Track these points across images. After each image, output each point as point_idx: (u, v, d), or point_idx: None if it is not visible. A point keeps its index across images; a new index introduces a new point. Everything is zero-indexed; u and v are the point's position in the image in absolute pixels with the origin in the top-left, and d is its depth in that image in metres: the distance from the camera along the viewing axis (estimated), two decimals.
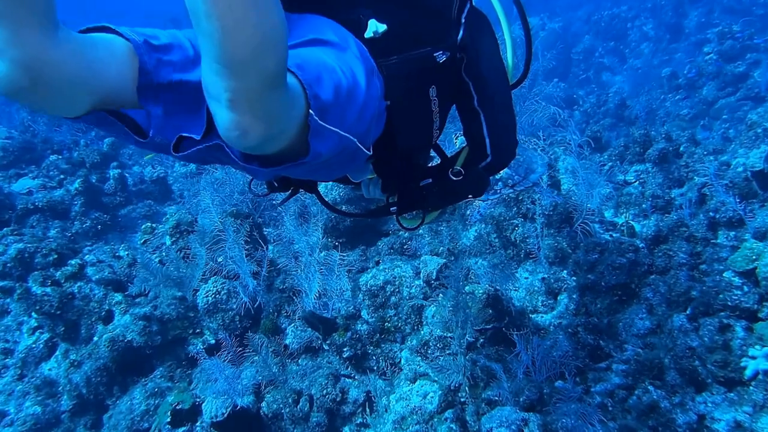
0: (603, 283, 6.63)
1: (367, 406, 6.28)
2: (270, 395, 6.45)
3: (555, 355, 5.97)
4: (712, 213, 6.90)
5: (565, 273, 7.15)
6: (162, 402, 6.74)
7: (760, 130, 8.15)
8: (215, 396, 6.32)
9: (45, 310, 7.56)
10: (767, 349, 5.57)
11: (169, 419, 6.35)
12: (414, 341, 6.44)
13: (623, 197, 8.23)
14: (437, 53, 2.26)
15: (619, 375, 5.93)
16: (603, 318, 6.52)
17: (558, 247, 7.28)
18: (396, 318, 6.61)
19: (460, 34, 2.33)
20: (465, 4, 2.34)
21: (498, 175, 7.49)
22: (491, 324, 6.14)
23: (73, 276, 7.97)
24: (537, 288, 7.20)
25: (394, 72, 2.18)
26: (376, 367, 6.50)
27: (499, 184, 7.29)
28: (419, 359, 6.31)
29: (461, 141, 8.15)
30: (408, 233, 7.83)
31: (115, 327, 7.30)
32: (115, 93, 1.55)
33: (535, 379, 5.78)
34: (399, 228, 7.78)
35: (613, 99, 14.19)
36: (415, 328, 6.54)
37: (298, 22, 2.03)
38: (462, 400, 5.84)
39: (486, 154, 2.65)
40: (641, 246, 6.91)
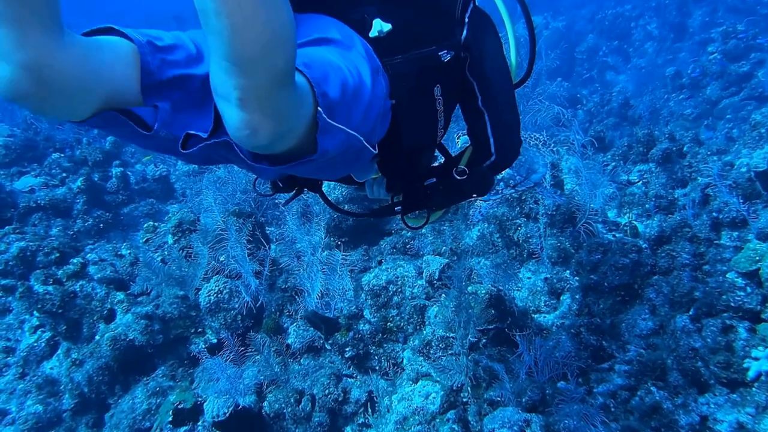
0: (606, 284, 6.62)
1: (369, 406, 6.27)
2: (272, 395, 6.45)
3: (557, 356, 5.96)
4: (715, 213, 6.88)
5: (568, 273, 7.14)
6: (164, 401, 6.75)
7: (763, 130, 8.14)
8: (217, 395, 6.32)
9: (47, 308, 7.56)
10: None
11: (171, 418, 6.36)
12: (416, 341, 6.44)
13: (626, 197, 8.21)
14: (442, 52, 2.27)
15: (622, 376, 5.92)
16: (606, 318, 6.51)
17: (561, 247, 7.28)
18: (398, 318, 6.60)
19: (463, 33, 2.34)
20: (468, 3, 2.36)
21: (499, 176, 7.49)
22: (494, 324, 6.14)
23: (75, 275, 7.98)
24: (540, 288, 7.19)
25: (399, 71, 2.19)
26: (378, 367, 6.50)
27: (501, 184, 7.26)
28: (421, 359, 6.30)
29: (463, 140, 8.15)
30: (411, 233, 7.82)
31: (117, 326, 7.32)
32: (120, 94, 1.55)
33: (538, 380, 5.77)
34: (402, 227, 7.83)
35: (617, 98, 14.19)
36: (418, 328, 6.53)
37: (303, 21, 2.04)
38: (464, 400, 5.84)
39: (490, 153, 2.66)
40: (644, 246, 6.90)
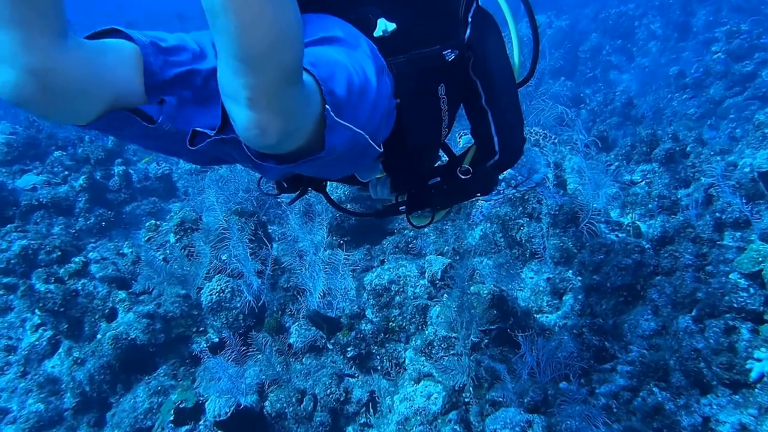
0: (608, 284, 6.60)
1: (371, 406, 6.26)
2: (273, 394, 6.44)
3: (560, 356, 5.95)
4: (718, 214, 6.86)
5: (571, 273, 7.13)
6: (165, 400, 6.75)
7: (767, 130, 8.11)
8: (218, 395, 6.32)
9: (48, 307, 7.56)
10: None
11: (173, 418, 6.37)
12: (418, 341, 6.43)
13: (629, 197, 8.19)
14: (446, 52, 2.28)
15: (624, 376, 5.90)
16: (608, 319, 6.49)
17: (563, 247, 7.26)
18: (400, 318, 6.60)
19: (467, 32, 2.35)
20: (471, 3, 2.37)
21: (501, 176, 7.48)
22: (496, 324, 6.13)
23: (77, 273, 7.99)
24: (542, 288, 7.18)
25: (403, 70, 2.20)
26: (380, 367, 6.49)
27: (503, 184, 7.27)
28: (423, 359, 6.30)
29: (465, 140, 8.14)
30: (413, 232, 7.82)
31: (119, 325, 7.32)
32: (124, 96, 1.56)
33: (540, 381, 5.76)
34: (404, 227, 7.82)
35: (620, 98, 14.14)
36: (420, 328, 6.52)
37: (308, 21, 2.04)
38: (466, 400, 5.83)
39: (494, 152, 2.67)
40: (647, 247, 6.88)
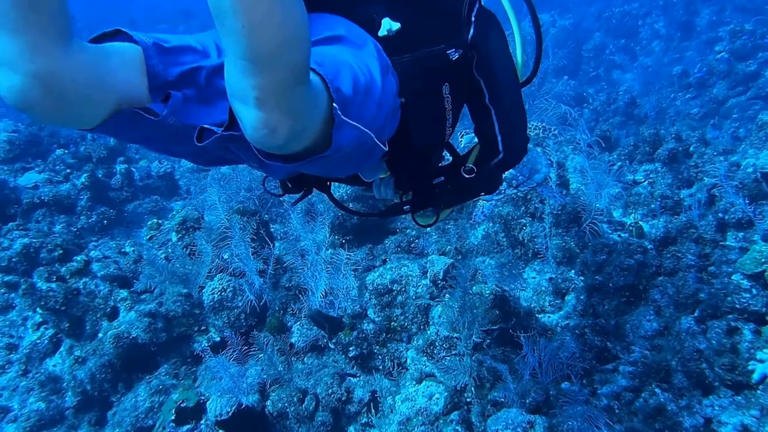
0: (611, 284, 6.59)
1: (373, 406, 6.26)
2: (275, 394, 6.44)
3: (562, 357, 5.94)
4: (721, 214, 6.85)
5: (573, 273, 7.12)
6: (166, 399, 6.75)
7: None
8: (220, 394, 6.31)
9: (50, 305, 7.56)
10: None
11: (174, 417, 6.36)
12: (420, 341, 6.42)
13: (632, 197, 8.17)
14: (450, 51, 2.30)
15: (626, 377, 5.89)
16: (610, 319, 6.48)
17: (566, 247, 7.25)
18: (402, 317, 6.59)
19: (470, 32, 2.36)
20: (474, 2, 2.38)
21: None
22: (498, 325, 6.12)
23: (79, 272, 7.98)
24: (544, 288, 7.18)
25: (408, 69, 2.22)
26: (381, 367, 6.48)
27: (504, 184, 7.26)
28: (425, 359, 6.29)
29: (467, 139, 8.14)
30: (415, 231, 7.82)
31: (120, 323, 7.31)
32: (129, 99, 1.55)
33: (542, 381, 5.75)
34: (406, 226, 7.81)
35: (623, 97, 14.12)
36: (422, 327, 6.51)
37: (313, 20, 2.05)
38: (468, 400, 5.82)
39: (498, 151, 2.68)
40: (649, 247, 6.87)
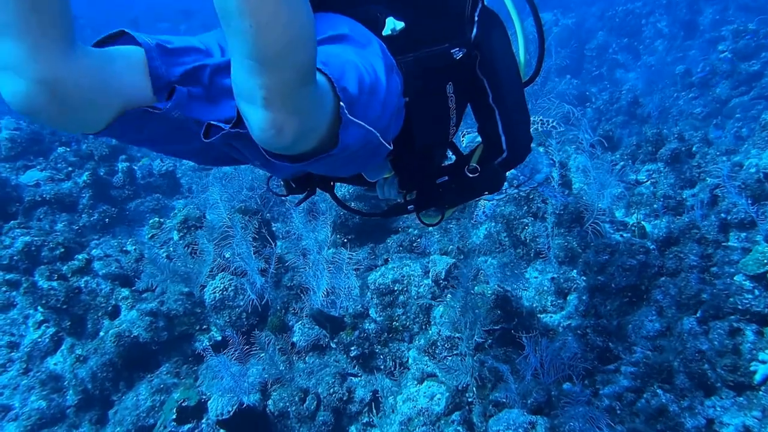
0: (613, 285, 6.59)
1: (374, 405, 6.25)
2: (276, 393, 6.44)
3: (564, 357, 5.93)
4: (723, 214, 6.84)
5: (575, 273, 7.11)
6: (168, 398, 6.74)
7: None
8: (221, 393, 6.31)
9: (51, 304, 7.57)
10: None
11: (175, 416, 6.35)
12: (422, 341, 6.41)
13: (634, 197, 8.17)
14: (454, 50, 2.30)
15: (628, 377, 5.89)
16: (612, 320, 6.48)
17: (568, 247, 7.24)
18: (404, 317, 6.58)
19: (473, 31, 2.36)
20: (477, 2, 2.38)
21: None
22: (500, 325, 6.11)
23: (80, 270, 7.98)
24: (546, 288, 7.17)
25: (412, 69, 2.22)
26: (383, 367, 6.47)
27: (505, 184, 7.27)
28: (427, 359, 6.28)
29: (468, 139, 8.11)
30: (417, 231, 7.81)
31: (122, 322, 7.32)
32: (134, 102, 1.55)
33: (544, 381, 5.74)
34: (408, 225, 7.80)
35: (626, 96, 14.10)
36: (423, 327, 6.50)
37: (318, 20, 2.04)
38: (469, 400, 5.82)
39: (502, 150, 2.69)
40: (652, 248, 6.87)
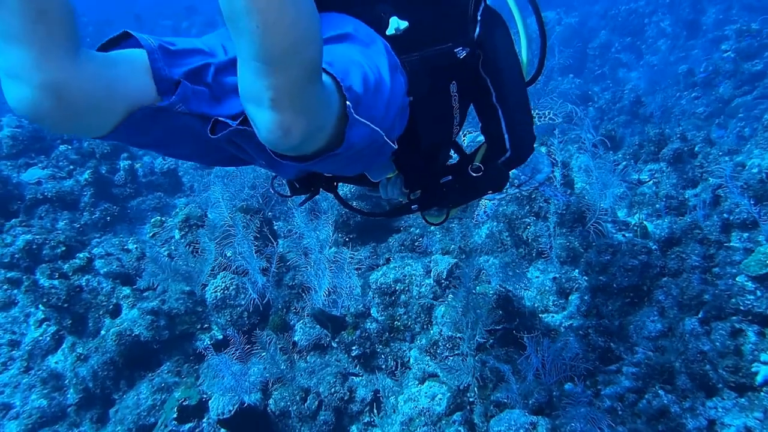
0: (615, 285, 6.58)
1: (375, 405, 6.25)
2: (277, 392, 6.44)
3: (565, 358, 5.92)
4: (726, 215, 6.82)
5: (577, 273, 7.10)
6: (169, 397, 6.74)
7: None
8: (222, 393, 6.32)
9: (52, 302, 7.57)
10: None
11: (176, 415, 6.35)
12: (423, 340, 6.41)
13: (637, 197, 8.16)
14: (457, 49, 2.30)
15: (630, 378, 5.88)
16: (614, 320, 6.47)
17: (570, 247, 7.24)
18: (406, 317, 6.57)
19: (476, 30, 2.37)
20: (480, 1, 2.39)
21: None
22: (501, 325, 6.11)
23: (81, 269, 7.98)
24: (548, 288, 7.16)
25: (416, 68, 2.23)
26: (384, 366, 6.47)
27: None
28: (428, 359, 6.28)
29: (469, 138, 8.11)
30: (419, 230, 7.81)
31: (123, 321, 7.31)
32: (138, 104, 1.55)
33: (545, 382, 5.74)
34: (410, 224, 7.79)
35: (629, 96, 14.09)
36: (425, 327, 6.50)
37: (322, 20, 2.03)
38: (471, 400, 5.81)
39: (505, 149, 2.68)
40: (654, 248, 6.86)
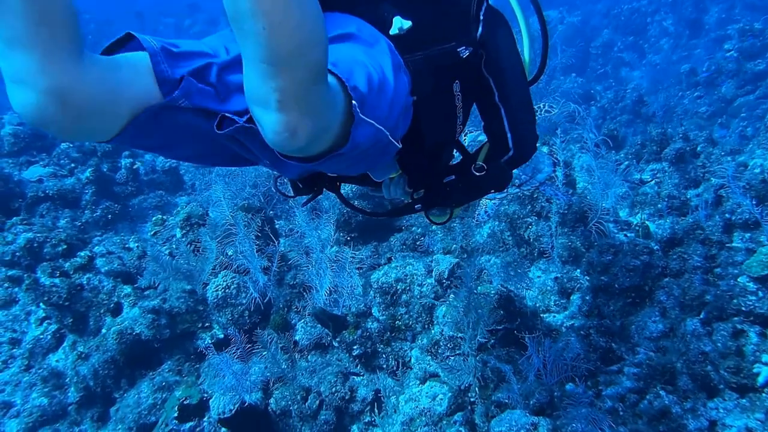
0: (616, 285, 6.57)
1: (376, 405, 6.24)
2: (278, 392, 6.44)
3: (566, 358, 5.91)
4: (728, 215, 6.81)
5: (579, 273, 7.10)
6: (169, 396, 6.74)
7: None
8: (223, 392, 6.32)
9: (53, 301, 7.56)
10: None
11: (177, 414, 6.35)
12: (425, 340, 6.41)
13: (639, 197, 8.15)
14: (460, 48, 2.31)
15: (631, 378, 5.87)
16: (616, 320, 6.46)
17: (572, 247, 7.23)
18: (407, 316, 6.57)
19: (479, 30, 2.38)
20: (483, 1, 2.39)
21: None
22: (503, 325, 6.10)
23: (82, 267, 7.98)
24: (550, 287, 7.15)
25: (420, 67, 2.23)
26: (385, 366, 6.46)
27: None
28: (429, 358, 6.27)
29: (470, 138, 8.10)
30: (421, 229, 7.80)
31: (124, 319, 7.31)
32: (143, 107, 1.55)
33: (546, 382, 5.73)
34: (412, 224, 7.79)
35: (631, 95, 14.06)
36: (426, 327, 6.49)
37: (325, 20, 2.04)
38: (472, 400, 5.81)
39: (508, 148, 2.69)
40: (656, 248, 6.85)
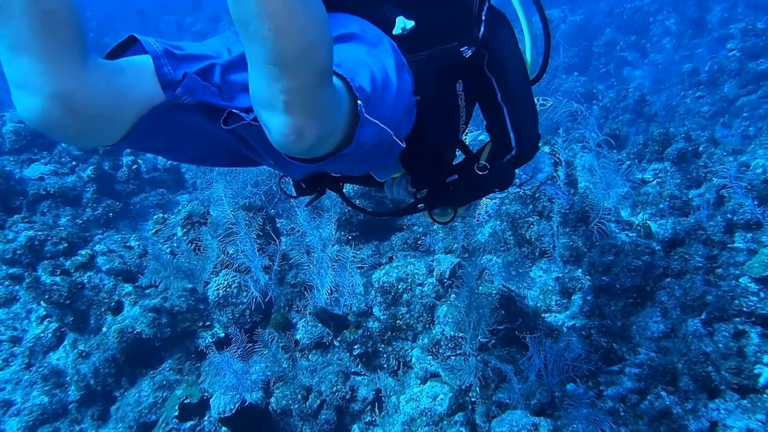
0: (618, 285, 6.56)
1: (377, 404, 6.24)
2: (279, 391, 6.44)
3: (567, 358, 5.91)
4: (729, 215, 6.79)
5: (580, 272, 7.09)
6: (170, 395, 6.74)
7: None
8: (224, 391, 6.31)
9: (54, 299, 7.55)
10: None
11: (177, 413, 6.34)
12: (425, 340, 6.40)
13: (640, 196, 8.13)
14: (463, 48, 2.31)
15: (632, 379, 5.86)
16: (617, 320, 6.45)
17: (573, 246, 7.22)
18: (408, 316, 6.57)
19: (481, 30, 2.38)
20: (485, 0, 2.40)
21: None
22: (504, 325, 6.10)
23: (83, 266, 7.97)
24: (551, 287, 7.15)
25: (423, 67, 2.23)
26: (386, 365, 6.46)
27: None
28: (430, 358, 6.27)
29: (471, 137, 8.12)
30: (422, 228, 7.80)
31: (125, 318, 7.31)
32: (146, 109, 1.55)
33: (547, 382, 5.73)
34: (413, 223, 7.78)
35: (633, 94, 14.07)
36: (427, 326, 6.49)
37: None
38: (472, 400, 5.81)
39: (510, 147, 2.69)
40: (657, 248, 6.83)
